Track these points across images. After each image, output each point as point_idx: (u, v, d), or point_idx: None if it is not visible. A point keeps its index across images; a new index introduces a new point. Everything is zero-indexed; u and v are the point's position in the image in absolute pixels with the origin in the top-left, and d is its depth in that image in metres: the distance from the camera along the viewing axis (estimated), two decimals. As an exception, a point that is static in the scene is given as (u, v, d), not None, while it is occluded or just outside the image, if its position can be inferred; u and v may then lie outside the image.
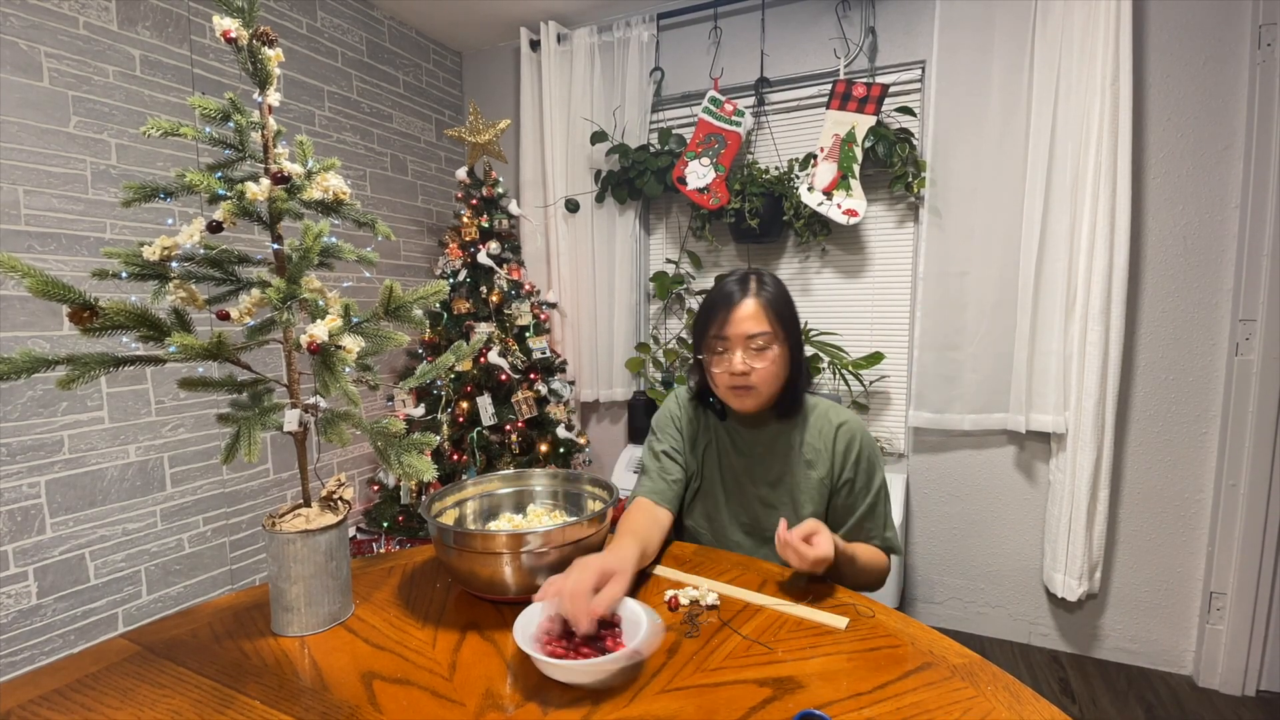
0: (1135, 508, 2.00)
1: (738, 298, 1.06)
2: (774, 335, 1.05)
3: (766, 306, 1.05)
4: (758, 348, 1.05)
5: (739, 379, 1.05)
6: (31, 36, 1.53)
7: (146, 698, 0.69)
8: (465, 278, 2.38)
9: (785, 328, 1.06)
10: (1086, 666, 2.04)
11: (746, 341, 1.05)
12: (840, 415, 1.14)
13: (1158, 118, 1.88)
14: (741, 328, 1.05)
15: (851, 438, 1.11)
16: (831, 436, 1.11)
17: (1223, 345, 1.86)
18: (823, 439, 1.12)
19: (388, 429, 0.82)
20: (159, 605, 1.82)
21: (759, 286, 1.07)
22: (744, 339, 1.05)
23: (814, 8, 2.24)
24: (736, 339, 1.05)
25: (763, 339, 1.04)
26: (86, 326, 0.69)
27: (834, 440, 1.11)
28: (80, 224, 1.63)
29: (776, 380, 1.07)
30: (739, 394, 1.07)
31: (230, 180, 0.77)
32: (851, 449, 1.11)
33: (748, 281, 1.08)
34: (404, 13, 2.55)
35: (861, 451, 1.11)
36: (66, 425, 1.61)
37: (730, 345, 1.06)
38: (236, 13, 0.76)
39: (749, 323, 1.04)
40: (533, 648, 0.70)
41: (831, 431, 1.12)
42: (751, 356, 1.05)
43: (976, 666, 0.74)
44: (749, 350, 1.05)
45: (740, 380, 1.06)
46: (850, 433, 1.12)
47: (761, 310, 1.05)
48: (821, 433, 1.12)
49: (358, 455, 2.53)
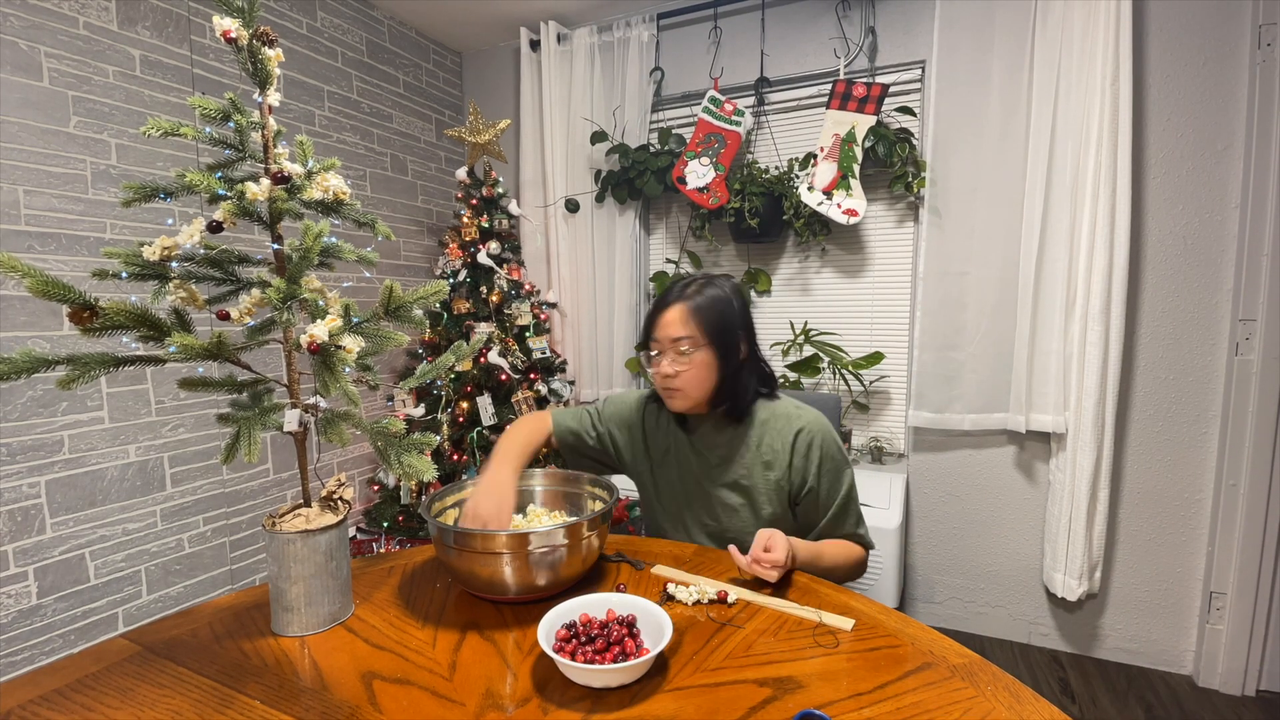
0: (1135, 508, 2.00)
1: (666, 302, 1.10)
2: (697, 340, 1.07)
3: (692, 312, 1.08)
4: (681, 351, 1.07)
5: (665, 381, 1.10)
6: (31, 36, 1.53)
7: (146, 698, 0.69)
8: (465, 278, 2.38)
9: (711, 333, 1.07)
10: (1086, 666, 2.04)
11: (672, 345, 1.08)
12: (800, 418, 1.13)
13: (1158, 118, 1.88)
14: (666, 331, 1.09)
15: (811, 441, 1.11)
16: (790, 439, 1.11)
17: (1223, 345, 1.86)
18: (781, 440, 1.12)
19: (388, 429, 0.82)
20: (159, 605, 1.82)
21: (690, 293, 1.10)
22: (669, 342, 1.08)
23: (814, 8, 2.24)
24: (663, 342, 1.09)
25: (687, 343, 1.07)
26: (86, 326, 0.69)
27: (793, 443, 1.11)
28: (80, 224, 1.63)
29: (702, 384, 1.09)
30: (668, 395, 1.12)
31: (230, 180, 0.77)
32: (813, 454, 1.10)
33: (680, 287, 1.12)
34: (404, 13, 2.55)
35: (824, 455, 1.11)
36: (66, 425, 1.61)
37: (660, 347, 1.10)
38: (236, 13, 0.76)
39: (673, 327, 1.08)
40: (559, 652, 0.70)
41: (791, 434, 1.12)
42: (675, 360, 1.08)
43: (976, 666, 0.74)
44: (675, 354, 1.08)
45: (666, 382, 1.10)
46: (810, 435, 1.11)
47: (688, 316, 1.07)
48: (780, 434, 1.13)
49: (358, 455, 2.53)
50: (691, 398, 1.10)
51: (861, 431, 2.35)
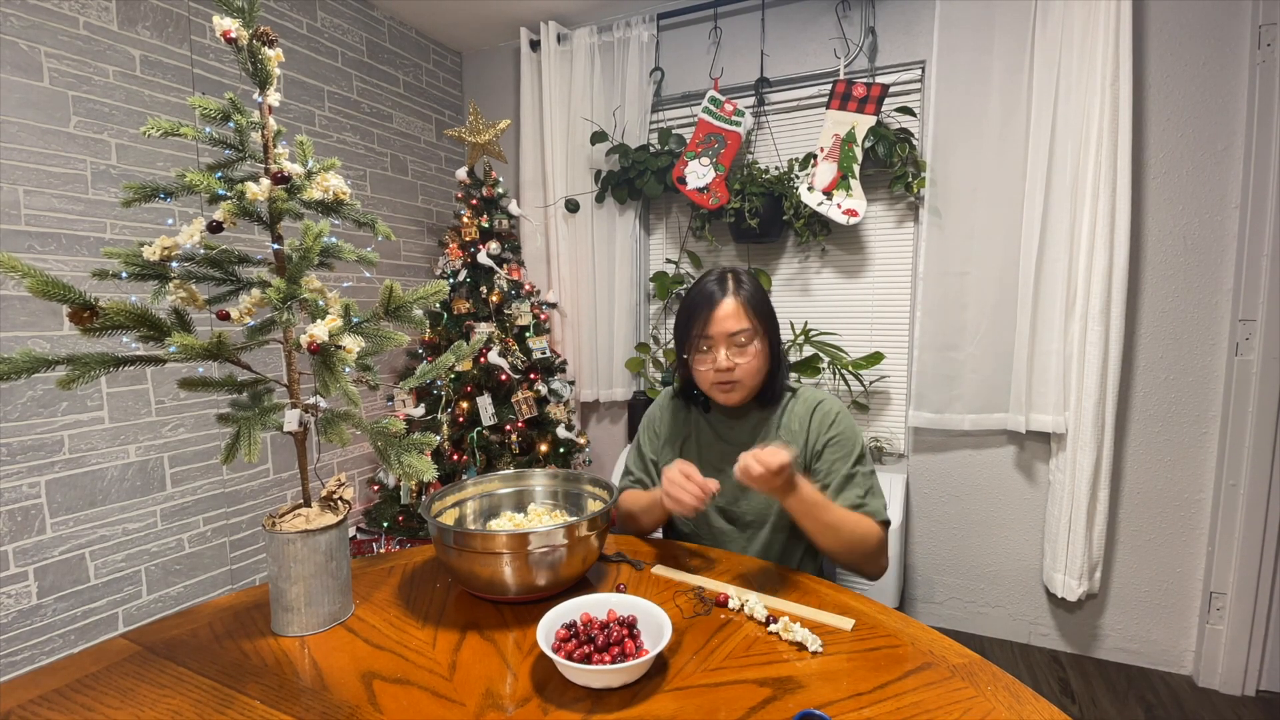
0: (1135, 508, 2.00)
1: (719, 297, 1.10)
2: (754, 331, 1.10)
3: (746, 304, 1.10)
4: (740, 344, 1.09)
5: (724, 375, 1.10)
6: (31, 36, 1.53)
7: (146, 698, 0.69)
8: (465, 278, 2.38)
9: (764, 322, 1.11)
10: (1086, 666, 2.04)
11: (729, 339, 1.09)
12: (818, 397, 1.18)
13: (1158, 118, 1.88)
14: (724, 326, 1.09)
15: (825, 413, 1.14)
16: (808, 416, 1.15)
17: (1223, 345, 1.86)
18: (799, 420, 1.16)
19: (388, 429, 0.82)
20: (159, 605, 1.82)
21: (737, 285, 1.12)
22: (726, 336, 1.09)
23: (814, 8, 2.24)
24: (719, 337, 1.10)
25: (744, 335, 1.09)
26: (86, 326, 0.69)
27: (810, 419, 1.15)
28: (80, 224, 1.63)
29: (759, 373, 1.12)
30: (724, 389, 1.12)
31: (230, 180, 0.77)
32: (825, 422, 1.14)
33: (725, 281, 1.12)
34: (404, 13, 2.55)
35: (836, 423, 1.13)
36: (66, 425, 1.61)
37: (714, 343, 1.11)
38: (236, 13, 0.76)
39: (730, 320, 1.09)
40: (557, 652, 0.70)
41: (808, 412, 1.16)
42: (734, 353, 1.09)
43: (976, 666, 0.74)
44: (732, 347, 1.09)
45: (725, 376, 1.10)
46: (825, 410, 1.15)
47: (742, 308, 1.09)
48: (798, 414, 1.16)
49: (358, 455, 2.52)
50: (748, 387, 1.12)
51: (861, 431, 2.34)
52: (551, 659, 0.68)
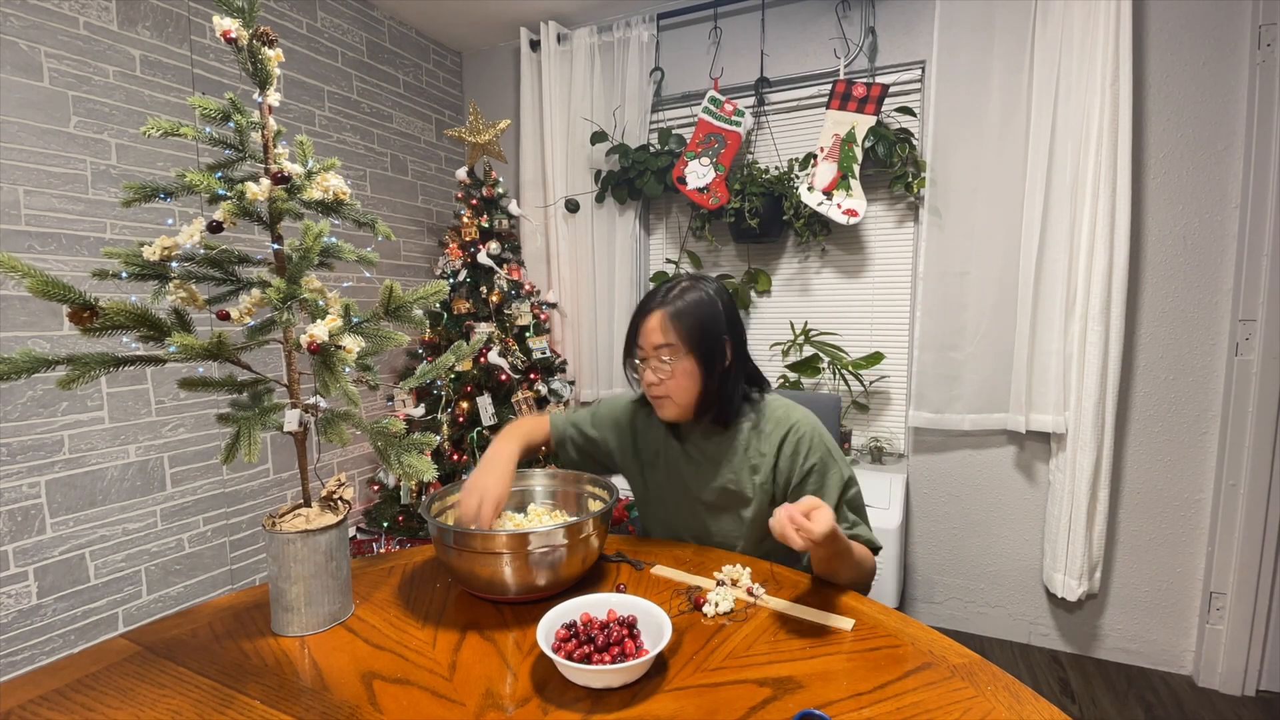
0: (1135, 508, 2.00)
1: (647, 308, 1.07)
2: (678, 347, 1.04)
3: (672, 318, 1.04)
4: (664, 360, 1.05)
5: (652, 389, 1.08)
6: (31, 36, 1.53)
7: (146, 698, 0.69)
8: (465, 278, 2.38)
9: (693, 339, 1.04)
10: (1086, 666, 2.04)
11: (655, 352, 1.05)
12: (789, 419, 1.09)
13: (1158, 118, 1.88)
14: (649, 339, 1.06)
15: (799, 440, 1.07)
16: (779, 440, 1.08)
17: (1223, 345, 1.86)
18: (769, 443, 1.09)
19: (388, 429, 0.82)
20: (159, 605, 1.82)
21: (672, 297, 1.06)
22: (653, 349, 1.06)
23: (814, 8, 2.24)
24: (647, 349, 1.07)
25: (667, 351, 1.04)
26: (86, 326, 0.69)
27: (779, 445, 1.08)
28: (80, 224, 1.63)
29: (687, 391, 1.06)
30: (657, 403, 1.09)
31: (230, 180, 0.77)
32: (799, 454, 1.06)
33: (662, 291, 1.08)
34: (404, 13, 2.55)
35: (811, 453, 1.06)
36: (66, 425, 1.61)
37: (644, 356, 1.08)
38: (236, 13, 0.76)
39: (654, 334, 1.05)
40: (557, 652, 0.70)
41: (779, 436, 1.08)
42: (658, 368, 1.06)
43: (976, 666, 0.74)
44: (658, 361, 1.05)
45: (651, 390, 1.08)
46: (797, 435, 1.07)
47: (666, 322, 1.04)
48: (768, 437, 1.09)
49: (358, 455, 2.52)
50: (678, 404, 1.07)
51: (861, 432, 2.35)
52: (551, 659, 0.68)
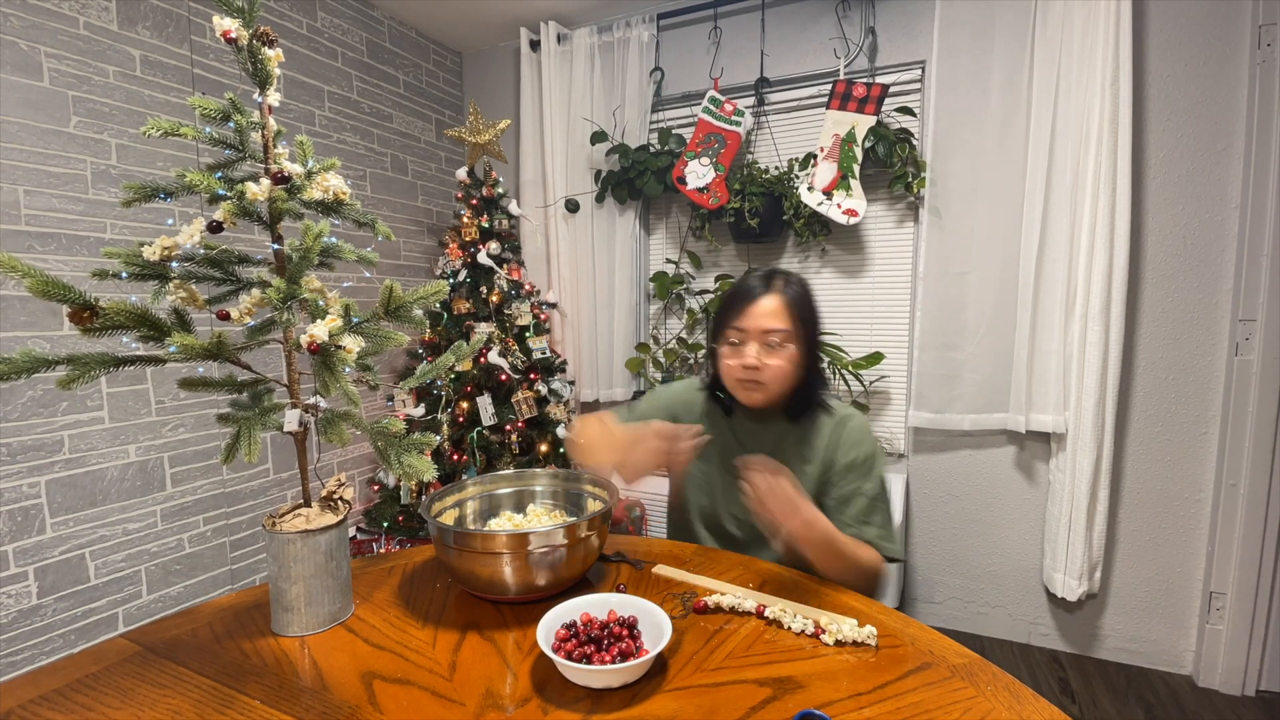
0: (1135, 508, 2.00)
1: (760, 292, 1.07)
2: (791, 334, 1.06)
3: (788, 304, 1.06)
4: (773, 344, 1.05)
5: (750, 373, 1.06)
6: (31, 36, 1.53)
7: (146, 698, 0.69)
8: (465, 278, 2.38)
9: (804, 328, 1.07)
10: (1086, 666, 2.04)
11: (763, 336, 1.05)
12: (846, 416, 1.13)
13: (1158, 118, 1.88)
14: (759, 322, 1.05)
15: (852, 431, 1.11)
16: (829, 432, 1.11)
17: (1223, 345, 1.86)
18: (823, 438, 1.11)
19: (388, 429, 0.82)
20: (159, 605, 1.82)
21: (784, 284, 1.08)
22: (760, 333, 1.05)
23: (814, 8, 2.24)
24: (753, 332, 1.06)
25: (779, 335, 1.05)
26: (86, 326, 0.69)
27: (837, 439, 1.11)
28: (80, 224, 1.63)
29: (787, 379, 1.07)
30: (747, 387, 1.08)
31: (230, 180, 0.77)
32: (849, 441, 1.10)
33: (773, 278, 1.09)
34: (404, 13, 2.55)
35: (860, 449, 1.09)
36: (66, 425, 1.61)
37: (746, 338, 1.07)
38: (236, 13, 0.76)
39: (767, 318, 1.05)
40: (557, 652, 0.70)
41: (835, 432, 1.11)
42: (765, 352, 1.05)
43: (976, 666, 0.74)
44: (764, 345, 1.05)
45: (750, 374, 1.06)
46: (854, 427, 1.11)
47: (783, 307, 1.06)
48: (822, 431, 1.12)
49: (358, 455, 2.52)
50: (772, 392, 1.07)
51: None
52: (551, 659, 0.68)
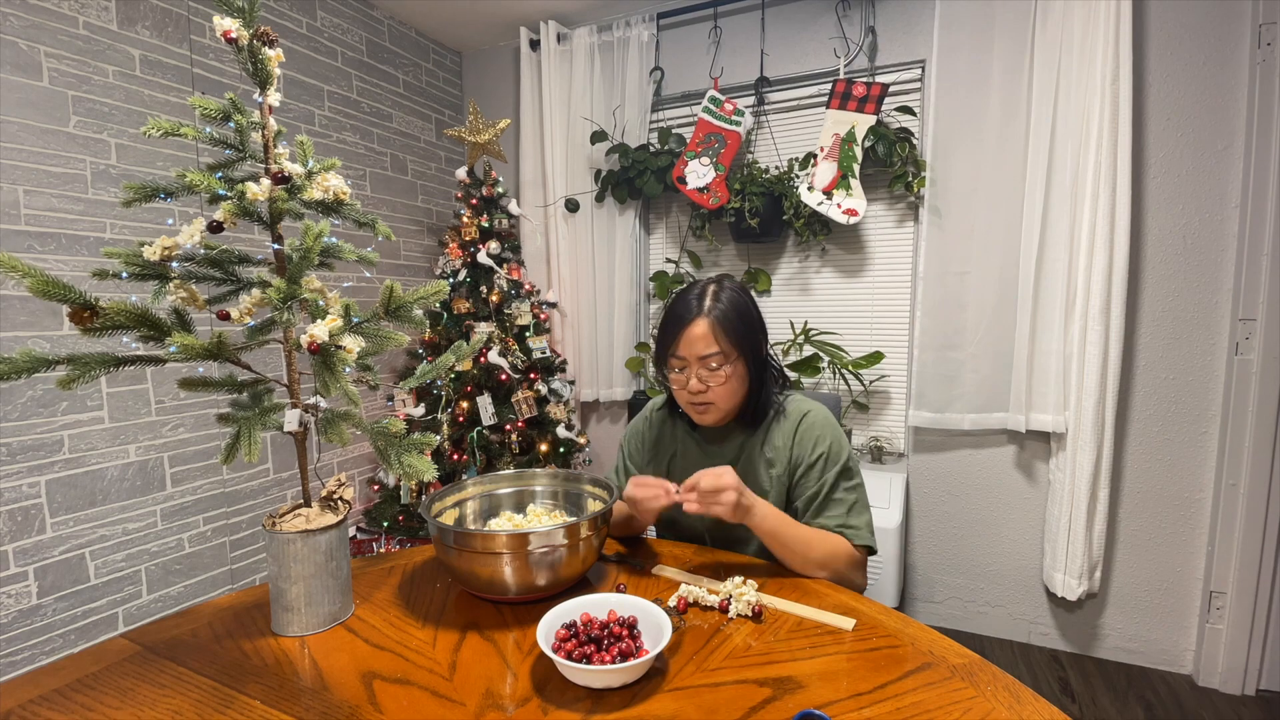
0: (1135, 507, 2.00)
1: (690, 317, 1.05)
2: (726, 354, 1.04)
3: (717, 325, 1.04)
4: (711, 368, 1.04)
5: (696, 397, 1.06)
6: (31, 36, 1.53)
7: (146, 698, 0.69)
8: (465, 277, 2.38)
9: (739, 344, 1.05)
10: (1086, 666, 2.04)
11: (701, 361, 1.04)
12: (804, 411, 1.12)
13: (1158, 118, 1.88)
14: (694, 348, 1.04)
15: (810, 429, 1.09)
16: (793, 432, 1.10)
17: (1223, 345, 1.86)
18: (783, 436, 1.11)
19: (388, 429, 0.82)
20: (159, 605, 1.82)
21: (713, 303, 1.06)
22: (698, 359, 1.04)
23: (814, 7, 2.24)
24: (691, 359, 1.05)
25: (715, 359, 1.04)
26: (87, 326, 0.69)
27: (794, 434, 1.10)
28: (80, 224, 1.63)
29: (734, 396, 1.07)
30: (698, 410, 1.09)
31: (230, 180, 0.77)
32: (808, 437, 1.09)
33: (703, 298, 1.07)
34: (404, 12, 2.55)
35: (820, 439, 1.08)
36: (66, 425, 1.61)
37: (686, 364, 1.06)
38: (236, 13, 0.76)
39: (700, 343, 1.04)
40: (557, 652, 0.70)
41: (794, 427, 1.11)
42: (706, 376, 1.05)
43: (976, 666, 0.74)
44: (705, 369, 1.04)
45: (698, 399, 1.06)
46: (810, 424, 1.10)
47: (713, 330, 1.04)
48: (783, 430, 1.11)
49: (358, 455, 2.53)
50: (723, 409, 1.08)
51: (861, 431, 2.35)
52: (551, 659, 0.68)
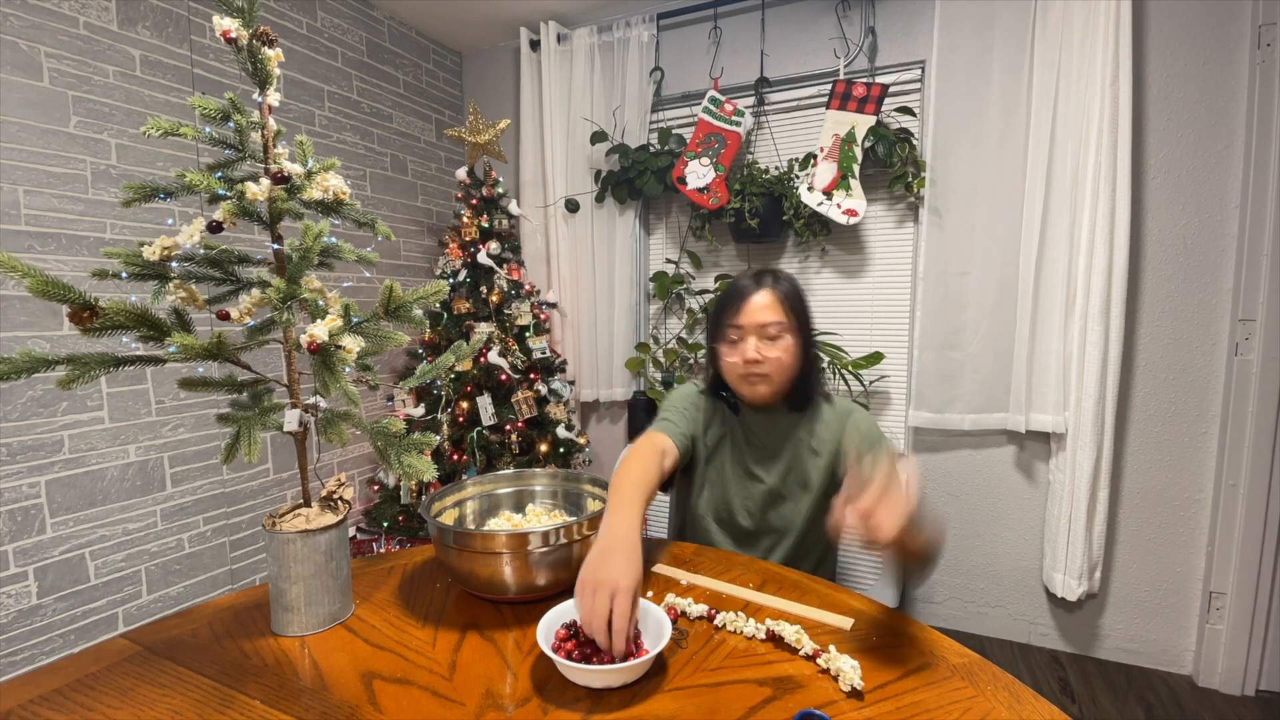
0: (1135, 508, 2.00)
1: (753, 289, 1.11)
2: (786, 325, 1.10)
3: (781, 298, 1.10)
4: (770, 336, 1.09)
5: (752, 366, 1.10)
6: (31, 36, 1.53)
7: (146, 698, 0.69)
8: (465, 278, 2.38)
9: (798, 319, 1.11)
10: (1086, 666, 2.04)
11: (760, 329, 1.09)
12: (851, 410, 1.19)
13: (1158, 118, 1.88)
14: (755, 316, 1.09)
15: (856, 426, 1.15)
16: (839, 426, 1.16)
17: (1223, 345, 1.86)
18: (830, 430, 1.16)
19: (388, 429, 0.82)
20: (159, 605, 1.82)
21: (774, 280, 1.13)
22: (758, 327, 1.09)
23: (814, 8, 2.24)
24: (750, 327, 1.10)
25: (775, 328, 1.09)
26: (86, 326, 0.69)
27: (842, 429, 1.16)
28: (80, 224, 1.63)
29: (788, 370, 1.11)
30: (751, 381, 1.12)
31: (230, 180, 0.77)
32: (856, 431, 1.14)
33: (764, 276, 1.14)
34: (404, 13, 2.55)
35: (867, 439, 1.14)
36: (66, 425, 1.61)
37: (744, 333, 1.10)
38: (236, 13, 0.76)
39: (763, 312, 1.09)
40: (557, 651, 0.70)
41: (840, 422, 1.17)
42: (764, 345, 1.09)
43: (976, 666, 0.74)
44: (762, 338, 1.10)
45: (753, 368, 1.10)
46: (856, 422, 1.16)
47: (776, 301, 1.10)
48: (829, 424, 1.17)
49: (358, 455, 2.52)
50: (776, 383, 1.11)
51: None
52: (551, 659, 0.68)
